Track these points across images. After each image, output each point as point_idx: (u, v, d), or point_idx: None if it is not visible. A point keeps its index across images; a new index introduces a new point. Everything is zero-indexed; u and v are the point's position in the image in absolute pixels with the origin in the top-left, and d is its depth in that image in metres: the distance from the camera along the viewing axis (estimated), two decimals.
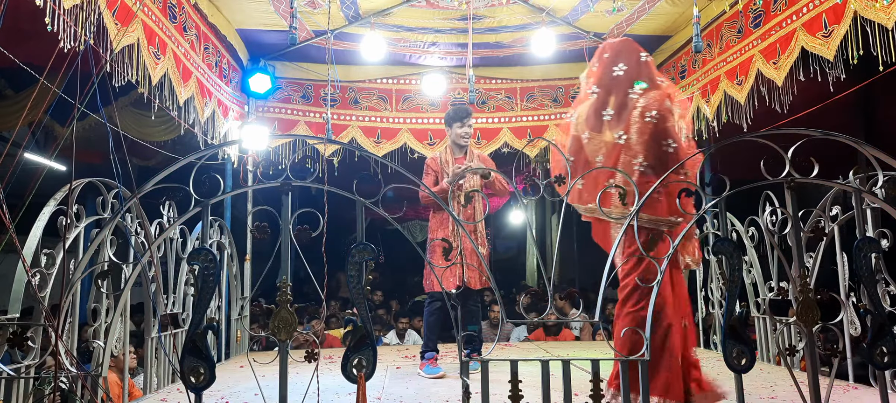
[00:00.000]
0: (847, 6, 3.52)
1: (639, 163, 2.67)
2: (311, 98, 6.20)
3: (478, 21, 5.32)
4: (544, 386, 2.09)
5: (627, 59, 2.84)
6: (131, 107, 5.90)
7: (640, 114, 2.70)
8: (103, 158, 2.82)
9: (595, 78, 2.89)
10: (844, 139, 2.44)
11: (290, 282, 2.07)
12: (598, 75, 2.88)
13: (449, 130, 4.30)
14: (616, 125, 2.75)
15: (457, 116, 4.25)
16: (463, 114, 4.25)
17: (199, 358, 1.96)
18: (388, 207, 2.17)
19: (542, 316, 2.24)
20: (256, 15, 5.15)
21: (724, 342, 2.11)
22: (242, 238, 5.52)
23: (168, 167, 2.21)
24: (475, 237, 4.02)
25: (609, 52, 2.90)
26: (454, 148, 4.27)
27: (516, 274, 12.76)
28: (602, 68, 2.88)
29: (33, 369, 2.75)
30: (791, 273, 2.33)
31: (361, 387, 2.00)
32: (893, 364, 2.17)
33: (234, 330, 5.27)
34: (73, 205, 2.84)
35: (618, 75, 2.82)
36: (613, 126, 2.76)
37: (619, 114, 2.75)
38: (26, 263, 2.59)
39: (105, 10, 3.25)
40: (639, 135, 2.68)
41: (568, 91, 6.38)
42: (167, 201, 3.65)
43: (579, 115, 2.89)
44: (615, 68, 2.83)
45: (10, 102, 5.69)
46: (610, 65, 2.85)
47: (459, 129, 4.22)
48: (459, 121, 4.23)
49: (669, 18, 5.28)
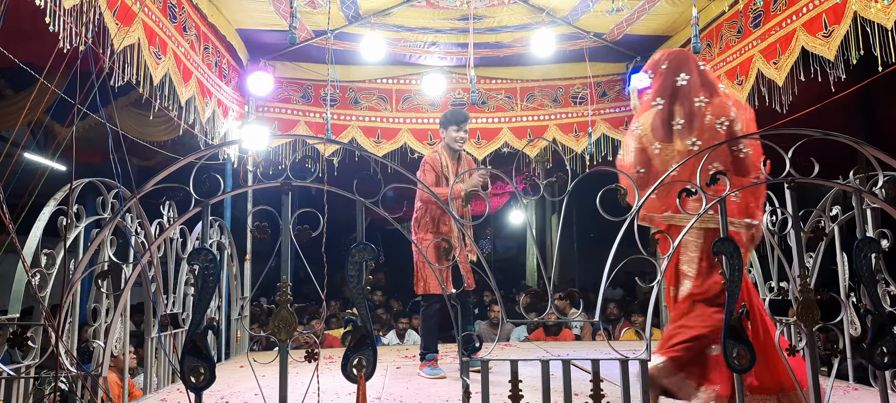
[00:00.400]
0: (847, 6, 3.52)
1: (714, 168, 2.67)
2: (311, 98, 6.20)
3: (478, 21, 5.32)
4: (544, 386, 2.09)
5: (688, 68, 2.89)
6: (131, 107, 5.89)
7: (711, 122, 2.75)
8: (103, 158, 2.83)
9: (656, 89, 2.91)
10: (844, 139, 2.44)
11: (290, 282, 2.07)
12: (660, 86, 2.90)
13: (444, 132, 4.22)
14: (687, 134, 2.78)
15: (454, 119, 4.19)
16: (461, 118, 4.20)
17: (199, 358, 1.96)
18: (388, 207, 2.17)
19: (542, 316, 2.24)
20: (256, 15, 5.15)
21: (725, 342, 2.11)
22: (242, 238, 5.52)
23: (168, 167, 2.21)
24: (466, 241, 4.03)
25: (667, 63, 2.93)
26: (449, 151, 4.22)
27: (516, 274, 12.77)
28: (663, 79, 2.90)
29: (33, 369, 2.75)
30: (791, 273, 2.33)
31: (361, 387, 2.00)
32: (893, 365, 2.17)
33: (234, 330, 5.28)
34: (73, 205, 2.84)
35: (682, 85, 2.85)
36: (684, 134, 2.79)
37: (690, 123, 2.79)
38: (26, 263, 2.59)
39: (105, 10, 3.25)
40: (712, 143, 2.69)
41: (568, 91, 6.38)
42: (167, 201, 3.65)
43: (644, 127, 2.89)
44: (678, 78, 2.86)
45: (9, 102, 5.69)
46: (672, 75, 2.88)
47: (455, 133, 4.17)
48: (456, 124, 4.17)
49: (669, 18, 5.28)
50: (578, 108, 6.34)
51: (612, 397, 2.43)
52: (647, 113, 2.91)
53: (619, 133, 6.29)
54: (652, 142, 2.85)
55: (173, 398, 3.50)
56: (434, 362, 4.05)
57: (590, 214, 3.09)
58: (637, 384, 2.11)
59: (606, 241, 2.31)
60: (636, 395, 2.09)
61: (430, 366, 4.02)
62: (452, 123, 4.18)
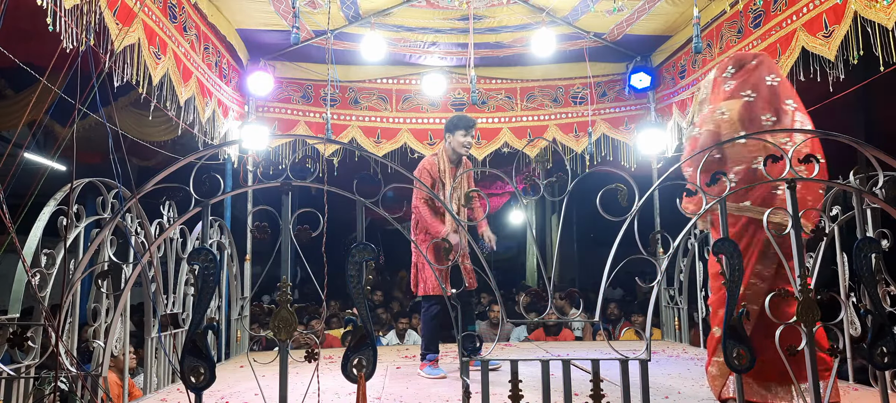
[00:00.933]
0: (847, 6, 3.52)
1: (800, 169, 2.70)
2: (311, 98, 6.20)
3: (478, 21, 5.32)
4: (544, 386, 2.09)
5: (777, 72, 2.99)
6: (131, 107, 5.90)
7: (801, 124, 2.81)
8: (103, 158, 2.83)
9: (744, 83, 2.95)
10: (844, 139, 2.44)
11: (290, 282, 2.07)
12: (754, 82, 2.93)
13: (450, 136, 4.19)
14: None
15: (463, 124, 4.18)
16: (469, 123, 4.20)
17: (199, 358, 1.96)
18: (388, 207, 2.17)
19: (542, 316, 2.24)
20: (256, 15, 5.15)
21: (725, 342, 2.11)
22: (242, 238, 5.52)
23: (168, 167, 2.21)
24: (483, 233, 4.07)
25: (758, 61, 2.99)
26: (451, 155, 4.22)
27: (516, 274, 12.77)
28: (755, 75, 2.95)
29: (33, 369, 2.75)
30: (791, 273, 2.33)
31: (361, 387, 2.00)
32: (893, 365, 2.17)
33: (234, 330, 5.28)
34: (73, 205, 2.83)
35: (773, 85, 2.91)
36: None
37: (780, 122, 2.84)
38: (26, 263, 2.59)
39: (106, 10, 3.25)
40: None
41: (568, 91, 6.38)
42: (167, 201, 3.65)
43: (731, 114, 2.90)
44: (768, 78, 2.93)
45: (10, 102, 5.69)
46: (763, 73, 2.94)
47: (463, 138, 4.16)
48: (464, 129, 4.16)
49: (669, 18, 5.29)
50: (578, 108, 6.34)
51: (612, 397, 2.43)
52: (733, 101, 2.93)
53: (619, 133, 6.30)
54: (736, 131, 2.85)
55: (173, 398, 3.50)
56: (434, 362, 4.05)
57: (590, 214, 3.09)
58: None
59: (606, 241, 2.32)
60: (636, 396, 2.09)
61: (430, 366, 4.02)
62: (461, 128, 4.17)
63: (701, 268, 5.19)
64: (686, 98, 5.52)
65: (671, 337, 5.74)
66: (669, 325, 5.78)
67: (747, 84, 2.94)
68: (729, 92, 2.97)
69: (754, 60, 3.00)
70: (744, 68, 2.99)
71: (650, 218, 5.66)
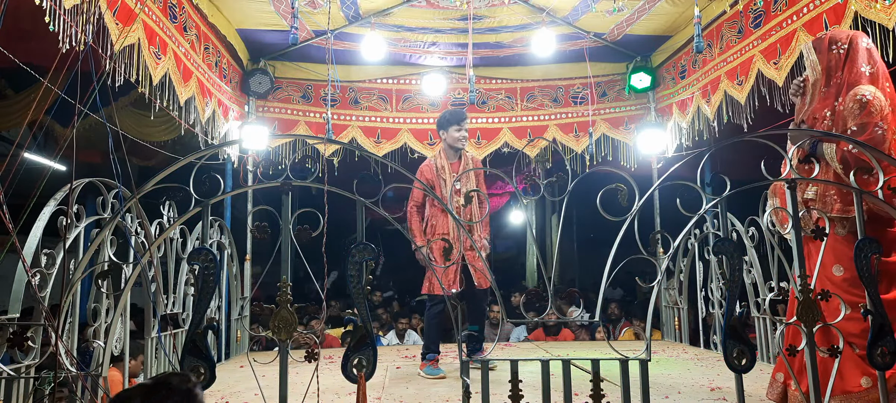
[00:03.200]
0: (847, 6, 3.52)
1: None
2: (311, 98, 6.20)
3: (478, 21, 5.32)
4: (544, 386, 2.09)
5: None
6: (131, 107, 5.90)
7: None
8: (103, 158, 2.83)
9: (885, 72, 2.72)
10: (844, 139, 2.44)
11: (290, 282, 2.07)
12: (883, 70, 2.72)
13: (444, 133, 4.21)
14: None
15: (454, 119, 4.19)
16: (460, 117, 4.20)
17: (199, 358, 1.96)
18: (388, 207, 2.17)
19: (542, 316, 2.24)
20: (256, 15, 5.15)
21: (725, 342, 2.11)
22: (242, 238, 5.51)
23: (168, 167, 2.21)
24: (476, 239, 4.03)
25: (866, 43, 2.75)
26: (449, 152, 4.23)
27: (516, 274, 12.76)
28: (879, 61, 2.74)
29: (33, 369, 2.75)
30: (791, 273, 2.33)
31: (361, 387, 2.00)
32: (893, 365, 2.17)
33: (234, 330, 5.27)
34: (73, 205, 2.83)
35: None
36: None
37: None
38: (26, 263, 2.59)
39: (106, 10, 3.25)
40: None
41: (568, 91, 6.38)
42: (167, 201, 3.65)
43: (883, 103, 2.63)
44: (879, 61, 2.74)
45: (10, 102, 5.69)
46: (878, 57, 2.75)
47: (457, 133, 4.16)
48: (457, 124, 4.17)
49: (669, 18, 5.29)
50: (578, 108, 6.34)
51: (612, 397, 2.43)
52: (878, 88, 2.66)
53: (620, 133, 6.29)
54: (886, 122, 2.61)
55: None
56: (434, 362, 4.05)
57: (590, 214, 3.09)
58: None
59: (606, 241, 2.32)
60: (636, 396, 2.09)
61: (430, 366, 4.02)
62: (453, 123, 4.18)
63: (701, 268, 5.19)
64: (686, 98, 5.52)
65: (671, 338, 5.74)
66: (669, 325, 5.79)
67: (884, 73, 2.70)
68: (877, 76, 2.70)
69: (863, 39, 2.74)
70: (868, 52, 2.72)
71: (650, 219, 5.67)
